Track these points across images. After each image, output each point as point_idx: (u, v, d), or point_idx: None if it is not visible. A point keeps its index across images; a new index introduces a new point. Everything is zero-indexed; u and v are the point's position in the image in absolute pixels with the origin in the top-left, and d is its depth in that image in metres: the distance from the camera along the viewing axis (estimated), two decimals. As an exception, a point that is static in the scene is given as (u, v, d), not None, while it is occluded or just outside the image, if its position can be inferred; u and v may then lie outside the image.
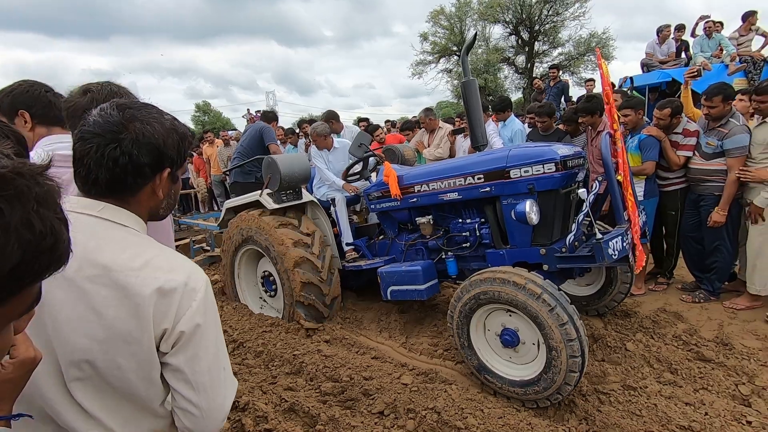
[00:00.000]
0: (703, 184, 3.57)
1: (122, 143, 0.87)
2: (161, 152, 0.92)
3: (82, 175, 0.90)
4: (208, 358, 0.92)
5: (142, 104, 0.96)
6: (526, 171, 2.77)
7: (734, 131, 3.33)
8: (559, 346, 2.26)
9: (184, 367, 0.89)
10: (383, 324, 3.75)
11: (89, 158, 0.88)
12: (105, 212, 0.91)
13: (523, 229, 2.83)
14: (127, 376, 0.87)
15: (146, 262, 0.88)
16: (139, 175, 0.91)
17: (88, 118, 0.90)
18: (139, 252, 0.89)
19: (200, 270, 0.96)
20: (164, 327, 0.86)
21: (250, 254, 4.08)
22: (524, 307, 2.35)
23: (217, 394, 0.94)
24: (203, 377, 0.91)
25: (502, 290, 2.41)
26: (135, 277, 0.85)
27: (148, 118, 0.91)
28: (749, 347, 2.99)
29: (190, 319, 0.88)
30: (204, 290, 0.91)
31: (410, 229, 3.66)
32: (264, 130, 4.92)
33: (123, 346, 0.85)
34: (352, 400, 2.66)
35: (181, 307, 0.87)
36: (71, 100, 1.30)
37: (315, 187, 4.48)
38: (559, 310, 2.28)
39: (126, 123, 0.89)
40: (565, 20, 21.82)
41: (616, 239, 2.51)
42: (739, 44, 7.43)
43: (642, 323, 3.36)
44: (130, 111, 0.91)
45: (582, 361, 2.28)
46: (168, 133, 0.93)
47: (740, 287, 3.73)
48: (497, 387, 2.59)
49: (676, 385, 2.65)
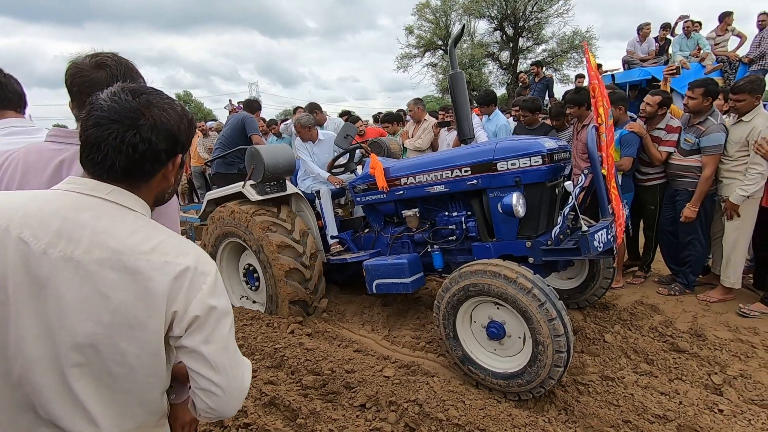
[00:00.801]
0: (680, 179, 3.65)
1: (141, 130, 0.87)
2: (176, 138, 0.93)
3: (96, 161, 0.89)
4: (224, 338, 0.92)
5: (152, 89, 0.95)
6: (513, 164, 2.77)
7: (711, 129, 3.40)
8: (546, 341, 2.27)
9: (202, 348, 0.89)
10: (366, 317, 3.73)
11: (107, 144, 0.87)
12: (113, 195, 0.90)
13: (510, 222, 2.84)
14: (129, 361, 0.86)
15: (155, 245, 0.88)
16: (156, 161, 0.92)
17: (100, 102, 0.88)
18: (148, 235, 0.89)
19: (207, 255, 0.96)
20: (174, 309, 0.86)
21: (232, 248, 4.00)
22: (513, 301, 2.35)
23: (236, 372, 0.95)
24: (222, 357, 0.91)
25: (492, 283, 2.41)
26: (145, 260, 0.85)
27: (162, 104, 0.92)
28: (721, 338, 3.08)
29: (202, 301, 0.88)
30: (214, 274, 0.93)
31: (396, 222, 3.64)
32: (246, 120, 4.80)
33: (127, 330, 0.85)
34: (334, 394, 2.64)
35: (191, 289, 0.88)
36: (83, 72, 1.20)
37: (299, 180, 4.40)
38: (549, 305, 2.28)
39: (143, 109, 0.89)
40: (549, 17, 22.02)
41: (601, 232, 2.54)
42: (716, 44, 7.61)
43: (620, 315, 3.43)
44: (145, 96, 0.90)
45: (567, 356, 2.30)
46: (180, 119, 0.94)
47: (713, 280, 3.84)
48: (480, 378, 2.60)
49: (652, 375, 2.71)
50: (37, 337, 0.83)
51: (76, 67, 1.21)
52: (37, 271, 0.82)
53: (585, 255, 2.48)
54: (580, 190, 2.77)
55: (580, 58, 21.45)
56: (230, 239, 3.88)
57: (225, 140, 4.91)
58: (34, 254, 0.83)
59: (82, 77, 1.19)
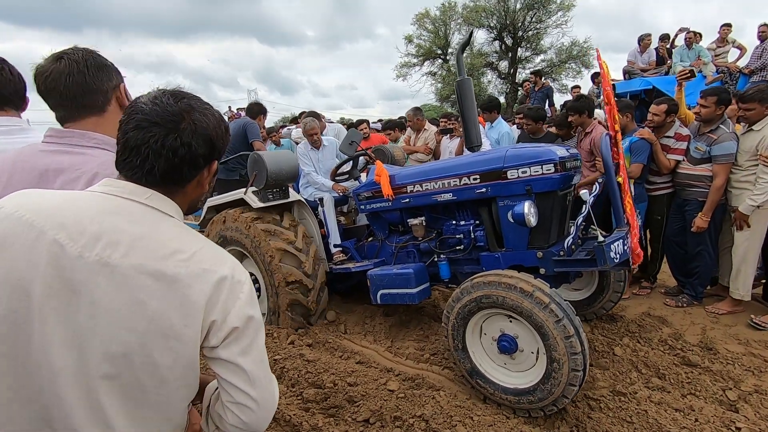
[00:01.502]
0: (689, 189, 3.60)
1: (182, 134, 0.86)
2: (214, 143, 0.92)
3: (135, 164, 0.86)
4: (260, 350, 0.91)
5: (191, 93, 0.94)
6: (524, 172, 2.69)
7: (723, 138, 3.36)
8: (563, 358, 2.18)
9: (240, 360, 0.86)
10: (368, 327, 3.64)
11: (147, 147, 0.85)
12: (152, 200, 0.88)
13: (520, 232, 2.76)
14: (162, 372, 0.83)
15: (194, 253, 0.86)
16: (195, 167, 0.90)
17: (140, 105, 0.86)
18: (186, 242, 0.87)
19: (241, 264, 0.94)
20: (213, 318, 0.84)
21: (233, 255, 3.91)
22: (529, 316, 2.25)
23: (271, 386, 0.93)
24: (259, 370, 0.89)
25: (507, 296, 2.30)
26: (184, 268, 0.83)
27: (203, 109, 0.91)
28: (733, 352, 3.01)
29: (240, 310, 0.86)
30: (249, 283, 0.91)
31: (401, 231, 3.55)
32: (248, 126, 4.74)
33: (161, 340, 0.81)
34: (336, 408, 2.54)
35: (229, 298, 0.85)
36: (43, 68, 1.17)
37: (302, 187, 4.33)
38: (566, 321, 2.18)
39: (184, 113, 0.87)
40: (548, 27, 22.23)
41: (617, 242, 2.45)
42: (716, 55, 7.66)
43: (628, 327, 3.36)
44: (186, 101, 0.89)
45: (583, 375, 2.21)
46: (218, 125, 0.93)
47: (721, 292, 3.77)
48: (489, 393, 2.51)
49: (664, 390, 2.62)
50: (65, 345, 0.78)
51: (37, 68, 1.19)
52: (71, 275, 0.78)
53: (601, 266, 2.39)
54: (595, 199, 2.70)
55: (578, 68, 21.64)
56: (231, 247, 3.79)
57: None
58: (69, 257, 0.79)
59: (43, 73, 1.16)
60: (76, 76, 1.17)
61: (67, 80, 1.16)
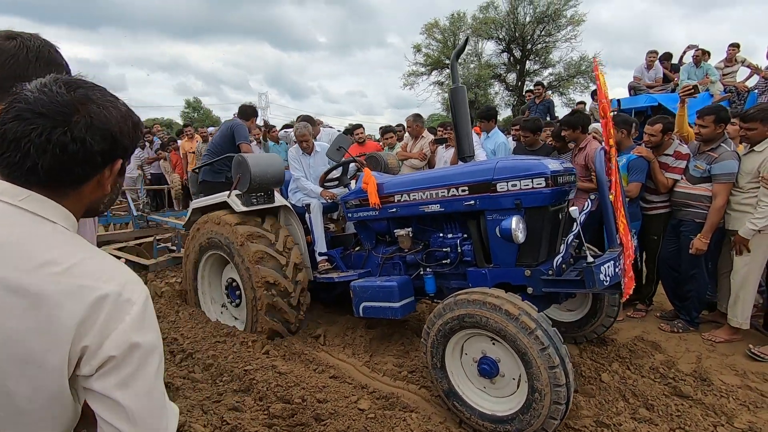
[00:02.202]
0: (686, 209, 3.46)
1: (73, 127, 0.75)
2: (116, 140, 0.81)
3: (13, 160, 0.75)
4: (148, 383, 0.76)
5: (92, 83, 0.83)
6: (514, 185, 2.58)
7: (724, 156, 3.23)
8: (545, 389, 2.04)
9: (117, 394, 0.73)
10: (348, 339, 3.51)
11: (29, 142, 0.73)
12: (28, 202, 0.76)
13: (508, 248, 2.63)
14: (17, 403, 0.71)
15: (71, 266, 0.74)
16: (90, 166, 0.79)
17: (25, 93, 0.75)
18: (64, 253, 0.75)
19: (139, 281, 0.81)
20: (84, 344, 0.71)
21: (215, 260, 3.82)
22: (513, 341, 2.11)
23: (158, 424, 0.77)
24: (143, 405, 0.75)
25: (491, 317, 2.16)
26: (54, 283, 0.71)
27: (103, 101, 0.80)
28: (728, 384, 2.84)
29: (122, 336, 0.73)
30: (143, 303, 0.77)
31: (388, 242, 3.44)
32: (236, 128, 4.65)
33: (17, 366, 0.70)
34: (302, 426, 2.41)
35: (109, 321, 0.73)
36: None
37: (290, 192, 4.22)
38: (552, 350, 2.05)
39: (77, 104, 0.76)
40: (557, 41, 22.21)
41: (608, 264, 2.31)
42: (725, 75, 7.52)
43: (619, 352, 3.20)
44: (82, 90, 0.78)
45: (565, 409, 2.07)
46: (124, 120, 0.82)
47: (720, 318, 3.61)
48: (465, 417, 2.37)
49: (651, 423, 2.47)
50: None
51: None
52: None
53: (590, 288, 2.26)
54: (586, 216, 2.56)
55: (586, 83, 21.52)
56: (212, 251, 3.69)
57: (213, 147, 4.76)
58: None
59: None
60: (20, 61, 1.07)
61: (8, 61, 1.06)
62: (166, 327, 3.65)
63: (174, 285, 4.39)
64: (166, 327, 3.65)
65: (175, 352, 3.25)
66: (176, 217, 6.36)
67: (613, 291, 2.53)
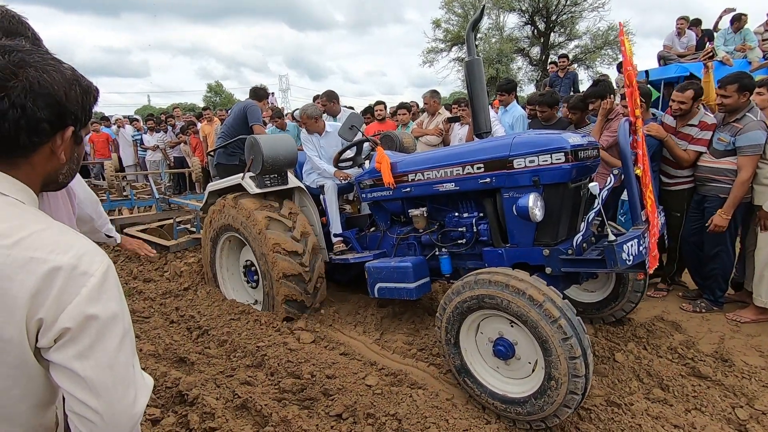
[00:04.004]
0: (709, 184, 3.27)
1: (11, 93, 0.73)
2: (62, 106, 0.79)
3: None
4: (108, 354, 0.76)
5: (33, 48, 0.80)
6: (532, 161, 2.46)
7: (749, 127, 3.01)
8: (562, 378, 1.99)
9: (75, 365, 0.73)
10: (359, 317, 3.54)
11: None
12: None
13: (525, 227, 2.54)
14: None
15: (22, 238, 0.72)
16: (35, 133, 0.77)
17: None
18: (16, 226, 0.74)
19: (99, 252, 0.79)
20: (40, 316, 0.71)
21: (233, 242, 3.88)
22: (534, 327, 2.05)
23: (124, 395, 0.77)
24: (103, 376, 0.75)
25: (513, 301, 2.09)
26: (4, 255, 0.70)
27: (43, 65, 0.77)
28: (751, 365, 2.73)
29: (77, 308, 0.72)
30: (101, 275, 0.76)
31: (403, 222, 3.39)
32: (249, 109, 4.65)
33: None
34: (311, 400, 2.46)
35: (63, 293, 0.72)
36: None
37: (305, 174, 4.22)
38: (575, 341, 1.98)
39: (15, 69, 0.74)
40: (584, 11, 21.11)
41: (631, 242, 2.19)
42: (765, 40, 6.99)
43: (635, 332, 3.11)
44: (19, 54, 0.75)
45: (581, 398, 2.02)
46: (69, 85, 0.80)
47: (746, 298, 3.45)
48: (475, 394, 2.36)
49: (666, 403, 2.40)
50: None
51: None
52: None
53: (611, 268, 2.15)
54: (609, 193, 2.44)
55: (615, 54, 20.48)
56: (229, 233, 3.75)
57: (227, 129, 4.78)
58: None
59: None
60: None
61: None
62: (185, 305, 3.78)
63: (193, 265, 4.51)
64: (184, 305, 3.78)
65: (192, 329, 3.36)
66: (197, 200, 6.50)
67: (636, 270, 2.41)
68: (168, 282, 4.40)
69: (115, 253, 5.36)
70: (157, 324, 3.47)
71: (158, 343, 3.07)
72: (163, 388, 2.50)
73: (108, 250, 5.50)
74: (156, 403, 2.42)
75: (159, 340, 3.14)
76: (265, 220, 3.38)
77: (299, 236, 3.42)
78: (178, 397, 2.45)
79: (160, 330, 3.33)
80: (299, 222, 3.51)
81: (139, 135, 10.31)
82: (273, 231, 3.35)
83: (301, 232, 3.45)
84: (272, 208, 3.51)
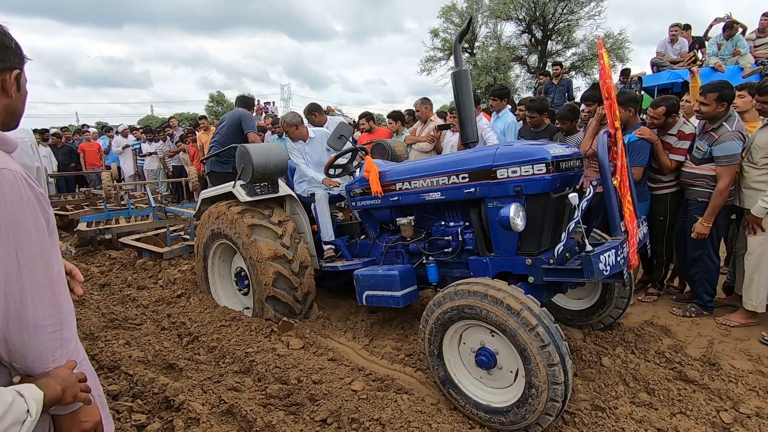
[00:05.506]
0: (691, 188, 3.31)
1: None
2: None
3: None
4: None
5: None
6: (514, 171, 2.50)
7: (724, 137, 3.04)
8: (542, 386, 2.01)
9: None
10: (349, 323, 3.55)
11: None
12: None
13: (509, 236, 2.57)
14: None
15: None
16: None
17: None
18: None
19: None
20: None
21: (225, 249, 3.90)
22: (513, 336, 2.07)
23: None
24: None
25: (492, 310, 2.11)
26: None
27: None
28: (738, 369, 2.73)
29: None
30: None
31: (392, 230, 3.42)
32: (243, 117, 4.71)
33: None
34: (297, 405, 2.47)
35: None
36: None
37: (296, 182, 4.25)
38: (552, 348, 2.00)
39: None
40: (580, 19, 21.31)
41: (608, 253, 2.22)
42: (757, 47, 7.05)
43: (624, 336, 3.11)
44: None
45: (561, 406, 2.04)
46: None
47: (737, 302, 3.45)
48: (459, 405, 2.36)
49: (651, 407, 2.40)
50: None
51: None
52: None
53: (588, 278, 2.18)
54: (589, 203, 2.46)
55: (612, 62, 20.61)
56: (221, 240, 3.78)
57: (221, 138, 4.83)
58: None
59: None
60: None
61: None
62: (177, 312, 3.79)
63: (186, 273, 4.53)
64: (176, 312, 3.79)
65: (182, 336, 3.37)
66: (193, 209, 6.55)
67: (614, 280, 2.43)
68: (162, 289, 4.42)
69: (110, 261, 5.39)
70: (148, 331, 3.48)
71: (148, 350, 3.08)
72: (150, 394, 2.51)
73: (103, 259, 5.54)
74: (142, 408, 2.43)
75: (149, 346, 3.15)
76: (254, 227, 3.41)
77: (289, 243, 3.45)
78: (164, 403, 2.46)
79: (150, 337, 3.34)
80: (289, 229, 3.53)
81: (138, 144, 10.40)
82: (263, 238, 3.38)
83: (290, 240, 3.47)
84: (262, 215, 3.54)
